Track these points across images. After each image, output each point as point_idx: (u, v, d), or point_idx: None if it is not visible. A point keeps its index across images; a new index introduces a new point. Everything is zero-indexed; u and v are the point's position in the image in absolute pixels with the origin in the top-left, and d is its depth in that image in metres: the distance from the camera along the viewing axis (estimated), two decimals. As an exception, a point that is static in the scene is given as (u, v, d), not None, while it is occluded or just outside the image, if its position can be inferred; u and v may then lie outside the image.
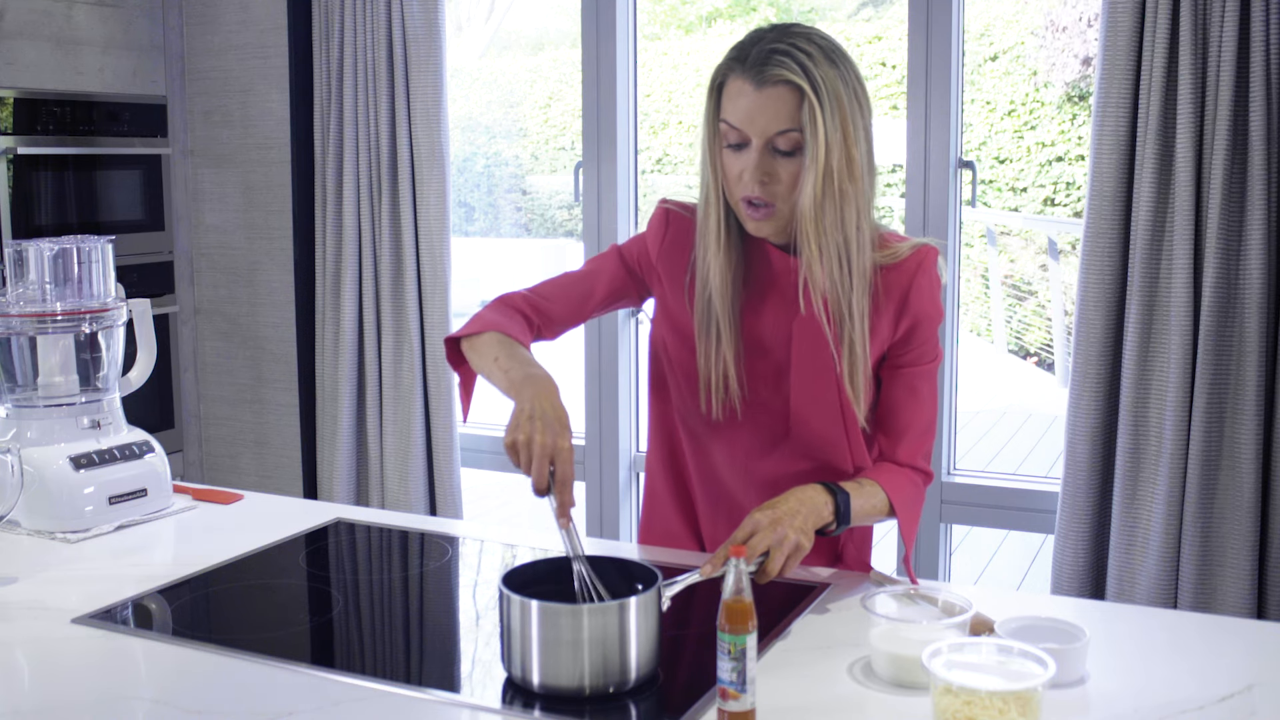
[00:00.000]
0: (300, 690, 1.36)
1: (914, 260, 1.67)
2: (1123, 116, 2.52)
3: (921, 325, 1.68)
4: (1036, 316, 8.18)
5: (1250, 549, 2.47)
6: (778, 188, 1.58)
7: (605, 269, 1.79)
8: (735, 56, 1.59)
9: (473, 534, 1.92)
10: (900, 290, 1.66)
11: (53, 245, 1.97)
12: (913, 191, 2.87)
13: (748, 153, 1.58)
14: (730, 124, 1.58)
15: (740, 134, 1.58)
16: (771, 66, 1.55)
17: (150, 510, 2.01)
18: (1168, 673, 1.38)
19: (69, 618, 1.56)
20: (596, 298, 1.78)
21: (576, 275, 1.80)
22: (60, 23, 3.30)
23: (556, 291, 1.77)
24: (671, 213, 1.77)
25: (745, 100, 1.56)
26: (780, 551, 1.49)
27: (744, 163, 1.58)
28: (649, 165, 9.09)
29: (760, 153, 1.57)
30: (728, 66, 1.60)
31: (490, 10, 9.12)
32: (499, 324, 1.68)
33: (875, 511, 1.66)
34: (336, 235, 3.38)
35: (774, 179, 1.58)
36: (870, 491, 1.65)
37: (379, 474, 3.41)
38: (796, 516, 1.53)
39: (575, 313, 1.78)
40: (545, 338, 1.77)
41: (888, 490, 1.66)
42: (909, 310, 1.67)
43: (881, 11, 9.01)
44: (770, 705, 1.30)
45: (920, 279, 1.66)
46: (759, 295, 1.70)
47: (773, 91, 1.55)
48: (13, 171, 3.17)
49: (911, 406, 1.72)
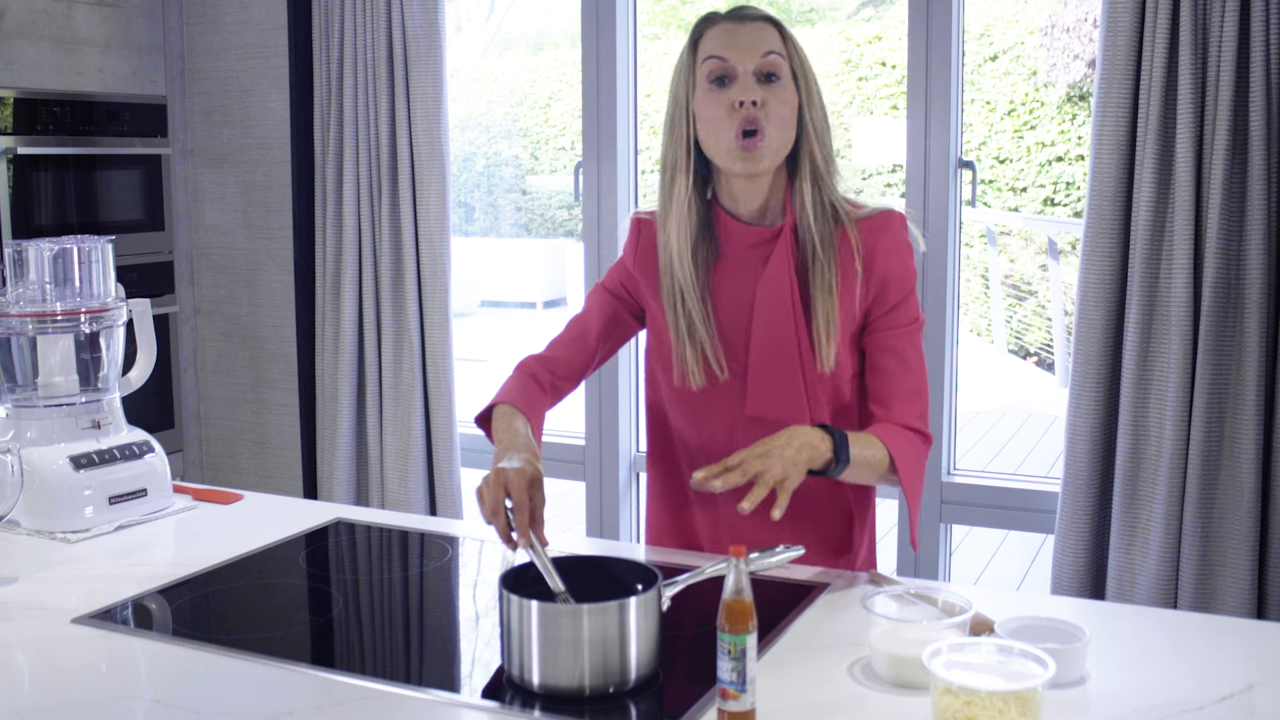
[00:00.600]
0: (300, 690, 1.36)
1: (878, 219, 1.71)
2: (1123, 116, 2.52)
3: (891, 283, 1.70)
4: (1036, 316, 8.18)
5: (1250, 549, 2.47)
6: (768, 111, 1.65)
7: (593, 304, 1.87)
8: (708, 17, 1.72)
9: (473, 534, 1.93)
10: (867, 248, 1.70)
11: (53, 245, 1.97)
12: (913, 191, 2.87)
13: (736, 82, 1.65)
14: (717, 57, 1.66)
15: (726, 65, 1.66)
16: (747, 10, 1.70)
17: (150, 510, 2.01)
18: (1168, 673, 1.38)
19: (69, 618, 1.56)
20: (594, 332, 1.85)
21: (573, 321, 1.88)
22: (60, 23, 3.30)
23: (561, 343, 1.86)
24: (642, 221, 1.83)
25: (729, 34, 1.67)
26: (763, 483, 1.49)
27: (732, 95, 1.64)
28: (649, 165, 9.09)
29: (749, 79, 1.65)
30: (704, 22, 1.71)
31: (490, 10, 9.12)
32: (508, 395, 1.77)
33: (876, 463, 1.63)
34: (336, 235, 3.39)
35: (763, 105, 1.64)
36: (868, 440, 1.64)
37: (379, 474, 3.41)
38: (787, 449, 1.53)
39: (580, 355, 1.84)
40: (565, 390, 1.84)
41: (886, 443, 1.65)
42: (877, 267, 1.70)
43: (881, 11, 9.01)
44: (770, 705, 1.30)
45: (885, 237, 1.70)
46: (722, 265, 1.74)
47: (754, 25, 1.68)
48: (13, 171, 3.17)
49: (898, 370, 1.71)
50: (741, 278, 1.72)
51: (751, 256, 1.72)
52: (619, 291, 1.85)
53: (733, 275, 1.73)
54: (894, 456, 1.64)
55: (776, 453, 1.52)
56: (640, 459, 3.31)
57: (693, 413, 1.78)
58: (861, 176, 8.69)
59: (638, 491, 3.36)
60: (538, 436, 1.73)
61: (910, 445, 1.68)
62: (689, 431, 1.79)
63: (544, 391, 1.80)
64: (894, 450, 1.64)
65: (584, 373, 1.85)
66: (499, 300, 9.77)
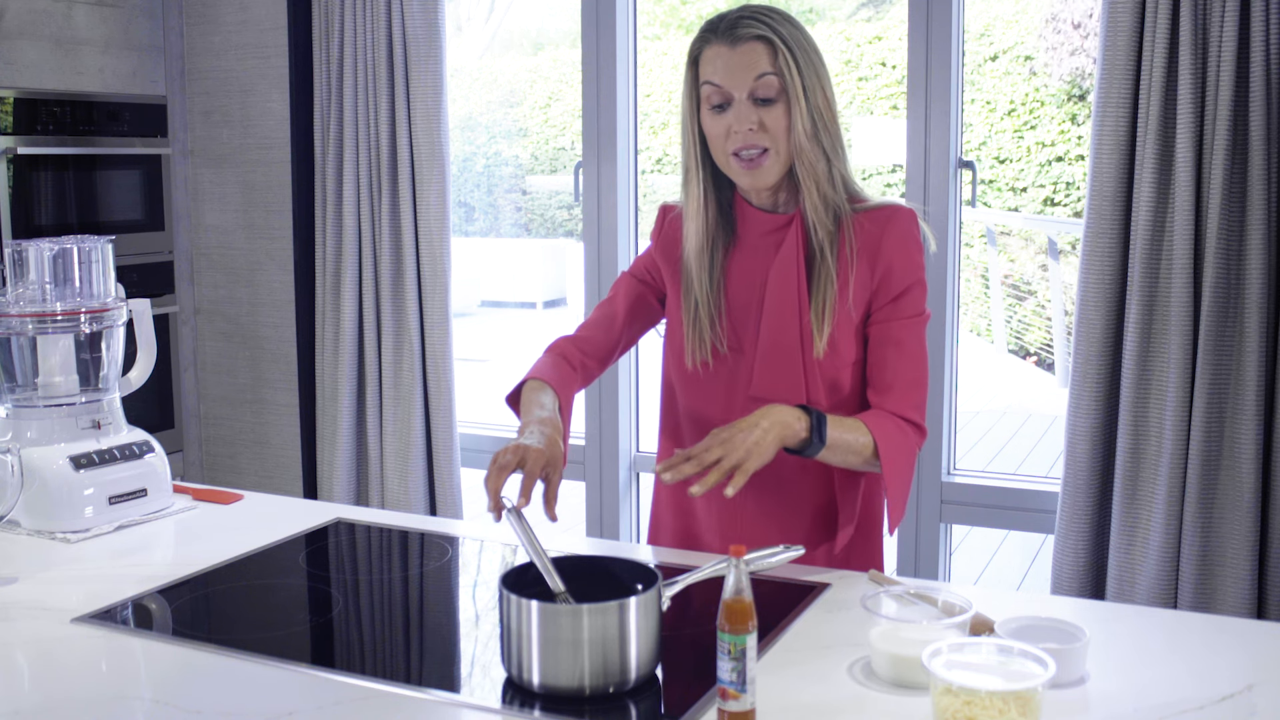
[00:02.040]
0: (300, 690, 1.36)
1: (885, 212, 1.75)
2: (1123, 116, 2.52)
3: (895, 274, 1.73)
4: (1036, 316, 8.18)
5: (1250, 549, 2.47)
6: (766, 134, 1.69)
7: (620, 289, 1.93)
8: (707, 29, 1.73)
9: (473, 534, 1.93)
10: (873, 239, 1.73)
11: (53, 245, 1.97)
12: (913, 191, 2.87)
13: (732, 109, 1.70)
14: (713, 84, 1.70)
15: (722, 92, 1.70)
16: (741, 28, 1.69)
17: (150, 510, 2.01)
18: (1167, 673, 1.38)
19: (69, 618, 1.56)
20: (620, 315, 1.90)
21: (601, 304, 1.94)
22: (60, 23, 3.30)
23: (590, 324, 1.91)
24: (668, 208, 1.92)
25: (722, 60, 1.69)
26: (719, 470, 1.53)
27: (729, 119, 1.70)
28: (649, 165, 9.09)
29: (745, 104, 1.68)
30: (702, 39, 1.74)
31: (490, 10, 9.13)
32: (539, 372, 1.80)
33: (860, 447, 1.65)
34: (336, 235, 3.38)
35: (762, 126, 1.69)
36: (852, 425, 1.66)
37: (379, 474, 3.41)
38: (754, 430, 1.56)
39: (608, 337, 1.89)
40: (595, 371, 1.88)
41: (871, 428, 1.67)
42: (882, 257, 1.73)
43: (881, 11, 9.02)
44: (770, 705, 1.30)
45: (891, 229, 1.73)
46: (737, 254, 1.80)
47: (746, 47, 1.68)
48: (13, 171, 3.17)
49: (897, 359, 1.74)
50: (755, 261, 1.78)
51: (766, 242, 1.78)
52: (644, 276, 1.92)
53: (748, 259, 1.80)
54: (878, 442, 1.66)
55: (740, 437, 1.56)
56: (640, 459, 3.31)
57: (700, 392, 1.82)
58: (861, 176, 8.68)
59: (638, 491, 3.36)
60: (566, 413, 1.75)
61: (899, 433, 1.69)
62: (697, 409, 1.84)
63: (574, 370, 1.83)
64: (878, 436, 1.66)
65: (613, 354, 1.90)
66: (499, 300, 9.77)
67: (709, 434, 1.58)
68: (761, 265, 1.78)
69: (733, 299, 1.79)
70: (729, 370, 1.80)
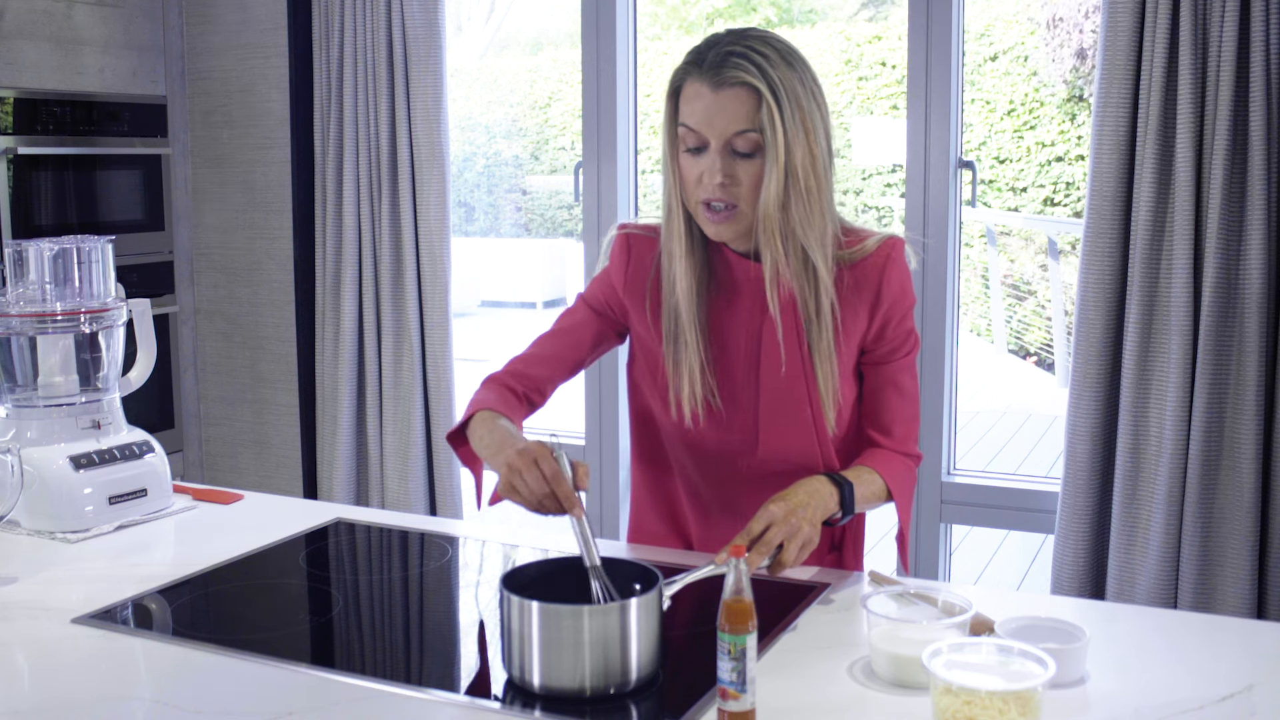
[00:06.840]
0: (300, 690, 1.36)
1: (881, 253, 1.67)
2: (1123, 116, 2.52)
3: (896, 318, 1.70)
4: (1036, 316, 8.18)
5: (1250, 549, 2.48)
6: (739, 189, 1.58)
7: (577, 322, 1.80)
8: (692, 60, 1.60)
9: (473, 534, 1.93)
10: (872, 286, 1.67)
11: (53, 245, 1.97)
12: (913, 191, 2.87)
13: (706, 155, 1.58)
14: (689, 126, 1.58)
15: (698, 136, 1.58)
16: (728, 69, 1.55)
17: (150, 510, 2.01)
18: (1167, 673, 1.38)
19: (69, 618, 1.56)
20: (580, 351, 1.80)
21: (551, 335, 1.81)
22: (60, 23, 3.30)
23: (536, 357, 1.79)
24: (632, 237, 1.77)
25: (702, 103, 1.56)
26: (794, 543, 1.52)
27: (702, 166, 1.58)
28: (649, 165, 9.08)
29: (719, 155, 1.57)
30: (685, 70, 1.60)
31: (490, 10, 9.12)
32: (485, 402, 1.70)
33: (875, 498, 1.70)
34: (336, 235, 3.39)
35: (734, 181, 1.58)
36: (869, 479, 1.69)
37: (379, 474, 3.41)
38: (807, 509, 1.56)
39: (558, 371, 1.79)
40: (536, 404, 1.79)
41: (884, 476, 1.71)
42: (882, 304, 1.68)
43: (881, 11, 9.01)
44: (770, 705, 1.30)
45: (890, 271, 1.67)
46: (725, 301, 1.71)
47: (730, 93, 1.55)
48: (13, 171, 3.17)
49: (897, 400, 1.75)
50: (740, 305, 1.70)
51: (748, 289, 1.69)
52: (603, 309, 1.80)
53: (731, 303, 1.70)
54: (890, 487, 1.71)
55: (800, 513, 1.54)
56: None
57: (691, 441, 1.76)
58: (861, 176, 8.69)
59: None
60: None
61: (905, 471, 1.75)
62: (689, 459, 1.79)
63: (520, 401, 1.75)
64: (890, 480, 1.71)
65: (553, 389, 1.81)
66: (499, 300, 9.77)
67: (762, 511, 1.54)
68: (747, 311, 1.69)
69: (719, 348, 1.71)
70: (722, 423, 1.73)
